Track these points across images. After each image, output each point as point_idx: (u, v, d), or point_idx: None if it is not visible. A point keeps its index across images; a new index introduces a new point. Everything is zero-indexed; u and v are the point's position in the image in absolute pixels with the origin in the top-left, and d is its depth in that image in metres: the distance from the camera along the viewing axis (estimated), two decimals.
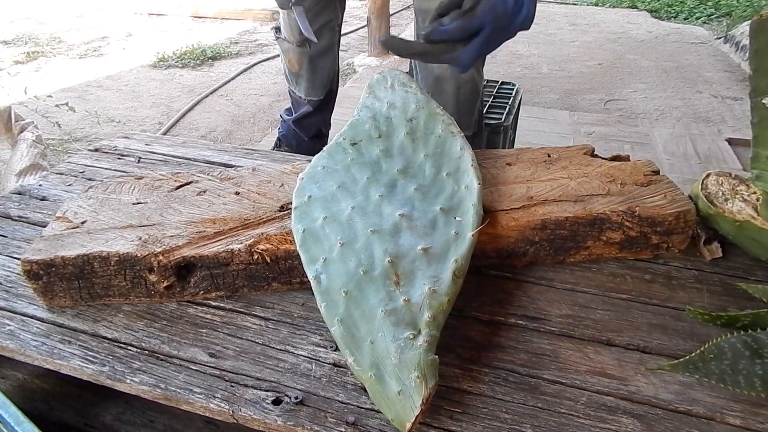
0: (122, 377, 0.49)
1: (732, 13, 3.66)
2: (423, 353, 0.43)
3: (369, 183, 0.61)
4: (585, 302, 0.58)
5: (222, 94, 2.49)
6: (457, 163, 0.63)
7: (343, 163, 0.65)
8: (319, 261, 0.53)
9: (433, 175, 0.62)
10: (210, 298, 0.59)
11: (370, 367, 0.44)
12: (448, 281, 0.50)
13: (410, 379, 0.42)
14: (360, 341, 0.46)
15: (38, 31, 3.47)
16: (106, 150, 0.91)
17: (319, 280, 0.51)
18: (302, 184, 0.62)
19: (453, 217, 0.57)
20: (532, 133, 1.93)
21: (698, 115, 2.21)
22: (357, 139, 0.68)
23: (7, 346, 0.53)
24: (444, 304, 0.48)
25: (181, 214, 0.62)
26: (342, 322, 0.47)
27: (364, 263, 0.52)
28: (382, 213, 0.58)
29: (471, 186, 0.60)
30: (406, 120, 0.70)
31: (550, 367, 0.50)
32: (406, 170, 0.63)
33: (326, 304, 0.49)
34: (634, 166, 0.68)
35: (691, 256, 0.64)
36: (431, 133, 0.68)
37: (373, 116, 0.71)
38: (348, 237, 0.54)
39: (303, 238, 0.55)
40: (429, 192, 0.60)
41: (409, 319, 0.47)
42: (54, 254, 0.55)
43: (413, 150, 0.66)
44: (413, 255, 0.52)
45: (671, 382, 0.48)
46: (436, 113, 0.70)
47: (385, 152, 0.66)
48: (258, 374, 0.49)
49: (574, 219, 0.60)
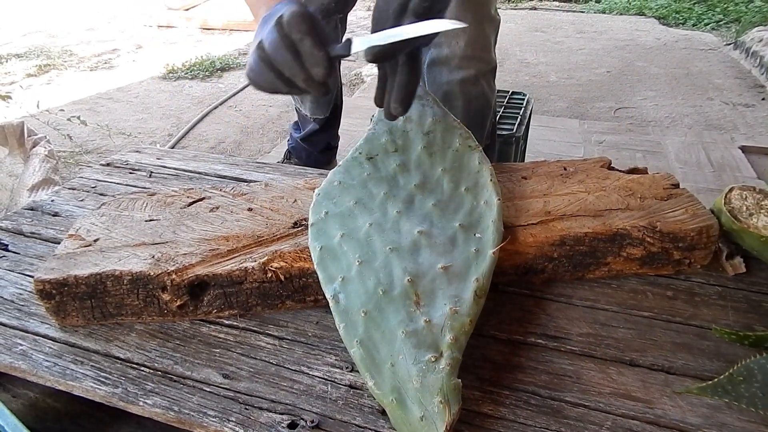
0: (135, 399, 0.48)
1: (741, 19, 3.64)
2: (446, 377, 0.42)
3: (386, 198, 0.61)
4: (606, 320, 0.56)
5: (231, 105, 2.50)
6: (476, 178, 0.62)
7: (360, 178, 0.64)
8: (337, 280, 0.52)
9: (451, 190, 0.61)
10: (223, 316, 0.58)
11: (391, 392, 0.43)
12: (469, 301, 0.49)
13: (433, 404, 0.41)
14: (380, 364, 0.45)
15: (50, 44, 3.52)
16: (117, 164, 0.91)
17: (337, 299, 0.50)
18: (318, 200, 0.61)
19: (473, 233, 0.56)
20: (542, 143, 1.92)
21: (710, 122, 2.19)
22: (373, 153, 0.67)
23: (19, 366, 0.52)
24: (466, 325, 0.47)
25: (194, 231, 0.61)
26: (362, 343, 0.46)
27: (384, 282, 0.51)
28: (400, 230, 0.57)
29: (490, 201, 0.59)
30: (423, 134, 0.69)
31: (572, 389, 0.48)
32: (424, 185, 0.62)
33: (345, 324, 0.48)
34: (653, 179, 0.67)
35: (713, 272, 0.62)
36: (449, 147, 0.67)
37: (389, 130, 0.71)
38: (366, 255, 0.54)
39: (320, 255, 0.54)
40: (447, 208, 0.59)
41: (430, 340, 0.46)
42: (67, 273, 0.55)
43: (430, 164, 0.65)
44: (433, 273, 0.51)
45: (699, 405, 0.46)
46: (453, 127, 0.69)
47: (402, 167, 0.65)
48: (273, 396, 0.48)
49: (594, 234, 0.59)
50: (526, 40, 3.43)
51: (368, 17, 0.59)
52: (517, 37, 3.47)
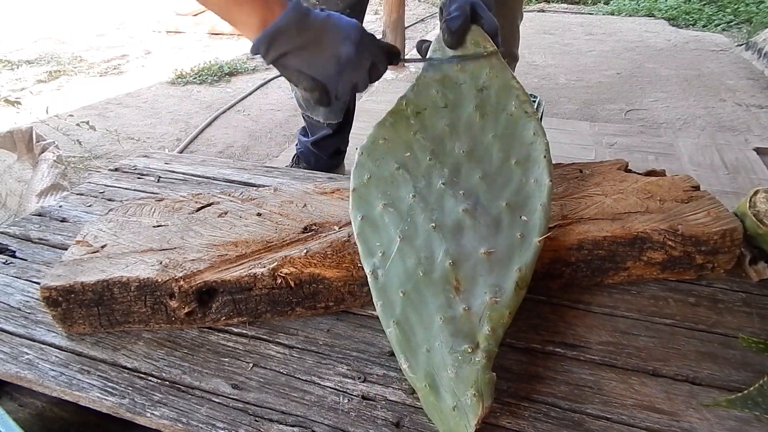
0: (142, 410, 0.47)
1: (752, 19, 3.60)
2: (481, 370, 0.42)
3: (432, 165, 0.58)
4: (626, 328, 0.54)
5: (239, 109, 2.50)
6: (528, 151, 0.58)
7: (405, 137, 0.61)
8: (377, 254, 0.50)
9: (500, 161, 0.58)
10: (232, 324, 0.57)
11: (425, 377, 0.42)
12: (510, 292, 0.47)
13: (467, 396, 0.40)
14: (415, 348, 0.44)
15: (60, 50, 3.54)
16: (125, 169, 0.90)
17: (376, 275, 0.49)
18: (361, 161, 0.58)
19: (519, 216, 0.53)
20: (553, 145, 1.88)
21: (723, 124, 2.15)
22: (421, 107, 0.64)
23: (25, 376, 0.51)
24: (505, 317, 0.46)
25: (202, 237, 0.60)
26: (398, 324, 0.45)
27: (424, 263, 0.49)
28: (444, 206, 0.54)
29: (541, 181, 0.55)
30: (477, 89, 0.64)
31: (593, 400, 0.46)
32: (472, 153, 0.59)
33: (383, 302, 0.47)
34: (672, 181, 0.65)
35: (736, 278, 0.60)
36: (503, 110, 0.62)
37: (441, 79, 0.66)
38: (408, 231, 0.52)
39: (361, 225, 0.53)
40: (495, 182, 0.56)
41: (467, 330, 0.45)
42: (73, 280, 0.54)
43: (481, 128, 0.61)
44: (475, 258, 0.50)
45: (726, 418, 0.44)
46: (510, 86, 0.64)
47: (450, 127, 0.61)
48: (283, 407, 0.47)
49: (613, 238, 0.57)
50: (535, 42, 3.41)
51: (375, 21, 0.62)
52: (525, 39, 3.43)
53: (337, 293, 0.56)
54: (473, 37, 0.67)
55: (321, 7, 0.64)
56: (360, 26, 0.60)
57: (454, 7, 0.67)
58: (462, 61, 0.65)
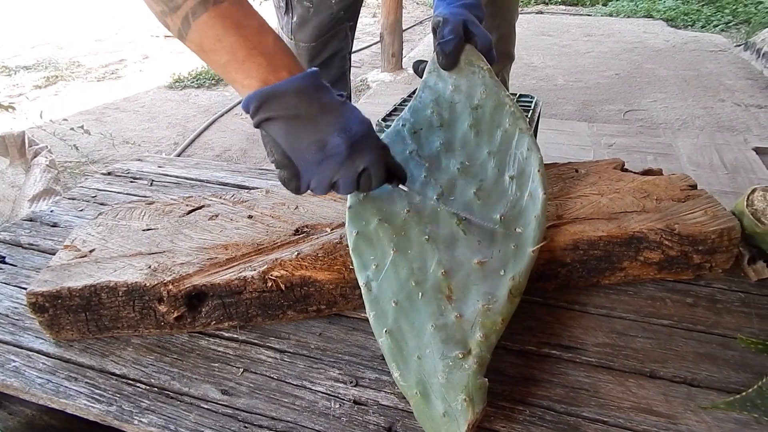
0: (130, 417, 0.46)
1: (750, 20, 3.59)
2: (472, 375, 0.41)
3: (427, 181, 0.58)
4: (623, 329, 0.53)
5: (236, 113, 2.49)
6: (523, 166, 0.59)
7: (402, 155, 0.61)
8: (371, 267, 0.50)
9: (495, 177, 0.59)
10: (222, 328, 0.56)
11: (416, 384, 0.42)
12: (503, 300, 0.47)
13: (457, 402, 0.40)
14: (407, 356, 0.44)
15: (58, 55, 3.54)
16: (118, 173, 0.89)
17: (369, 287, 0.49)
18: None
19: (513, 228, 0.53)
20: (551, 146, 1.89)
21: (722, 124, 2.15)
22: (418, 127, 0.64)
23: (11, 384, 0.50)
24: (498, 324, 0.45)
25: (192, 240, 0.59)
26: (390, 333, 0.45)
27: (417, 273, 0.49)
28: (438, 219, 0.55)
29: (535, 195, 0.56)
30: (471, 108, 0.65)
31: (589, 403, 0.45)
32: (467, 169, 0.60)
33: (375, 313, 0.47)
34: (669, 180, 0.64)
35: (734, 277, 0.59)
36: (497, 127, 0.63)
37: (436, 99, 0.67)
38: (402, 243, 0.52)
39: (356, 241, 0.53)
40: (490, 197, 0.57)
41: (459, 336, 0.44)
42: (60, 285, 0.53)
43: (476, 144, 0.62)
44: (468, 268, 0.50)
45: (725, 420, 0.43)
46: (504, 103, 0.65)
47: (446, 145, 0.62)
48: (273, 413, 0.46)
49: (608, 238, 0.56)
50: (533, 43, 3.41)
51: (373, 24, 0.59)
52: (523, 40, 3.44)
53: (328, 296, 0.55)
54: (467, 56, 0.68)
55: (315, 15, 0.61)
56: (369, 125, 0.52)
57: (447, 30, 0.67)
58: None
